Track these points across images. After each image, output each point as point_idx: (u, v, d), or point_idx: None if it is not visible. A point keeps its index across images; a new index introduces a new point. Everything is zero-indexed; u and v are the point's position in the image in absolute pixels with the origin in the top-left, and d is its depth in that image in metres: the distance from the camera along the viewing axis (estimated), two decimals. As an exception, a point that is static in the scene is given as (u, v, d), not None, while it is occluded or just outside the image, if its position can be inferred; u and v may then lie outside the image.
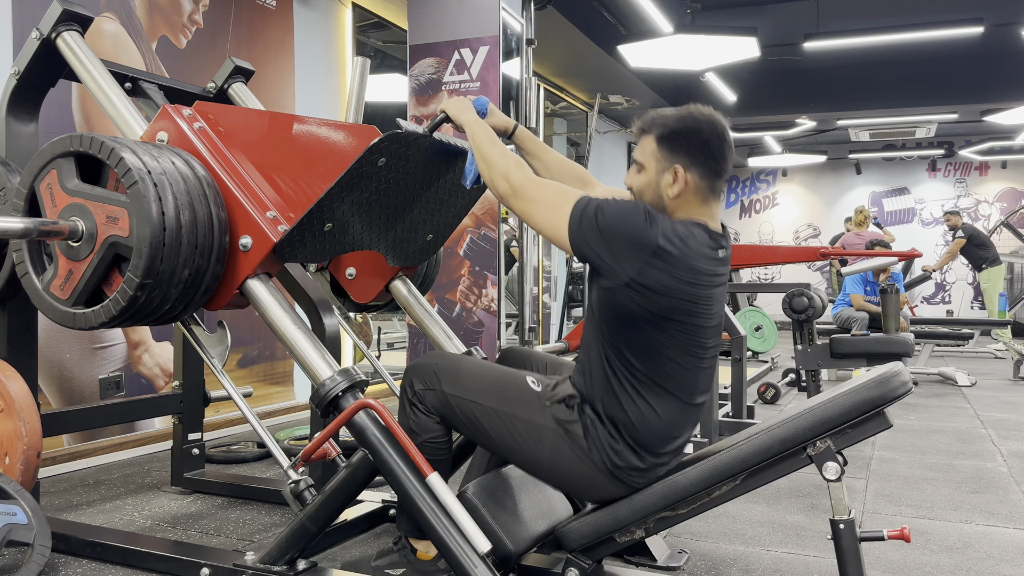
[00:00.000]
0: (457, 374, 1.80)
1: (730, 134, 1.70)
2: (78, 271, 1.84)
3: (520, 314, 4.75)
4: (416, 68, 4.38)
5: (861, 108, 8.96)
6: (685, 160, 1.66)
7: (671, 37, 5.81)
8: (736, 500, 2.11)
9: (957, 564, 2.21)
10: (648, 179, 1.70)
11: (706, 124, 1.67)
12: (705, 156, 1.66)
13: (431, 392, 1.79)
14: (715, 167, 1.67)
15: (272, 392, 4.36)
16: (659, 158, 1.68)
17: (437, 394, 1.79)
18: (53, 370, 3.18)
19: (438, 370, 1.81)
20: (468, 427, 1.78)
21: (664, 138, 1.67)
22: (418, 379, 1.81)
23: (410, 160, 1.90)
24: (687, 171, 1.66)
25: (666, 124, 1.68)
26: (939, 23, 6.44)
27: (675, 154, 1.67)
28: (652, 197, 1.70)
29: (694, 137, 1.66)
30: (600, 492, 1.72)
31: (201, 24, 3.89)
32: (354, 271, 2.39)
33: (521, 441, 1.73)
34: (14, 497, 1.90)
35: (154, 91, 2.43)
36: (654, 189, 1.70)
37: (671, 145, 1.67)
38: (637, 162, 1.73)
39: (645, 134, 1.72)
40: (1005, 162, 12.21)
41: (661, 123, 1.69)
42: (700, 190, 1.68)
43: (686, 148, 1.66)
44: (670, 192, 1.67)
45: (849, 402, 1.59)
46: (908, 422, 4.41)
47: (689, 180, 1.66)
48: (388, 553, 2.04)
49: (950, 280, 12.45)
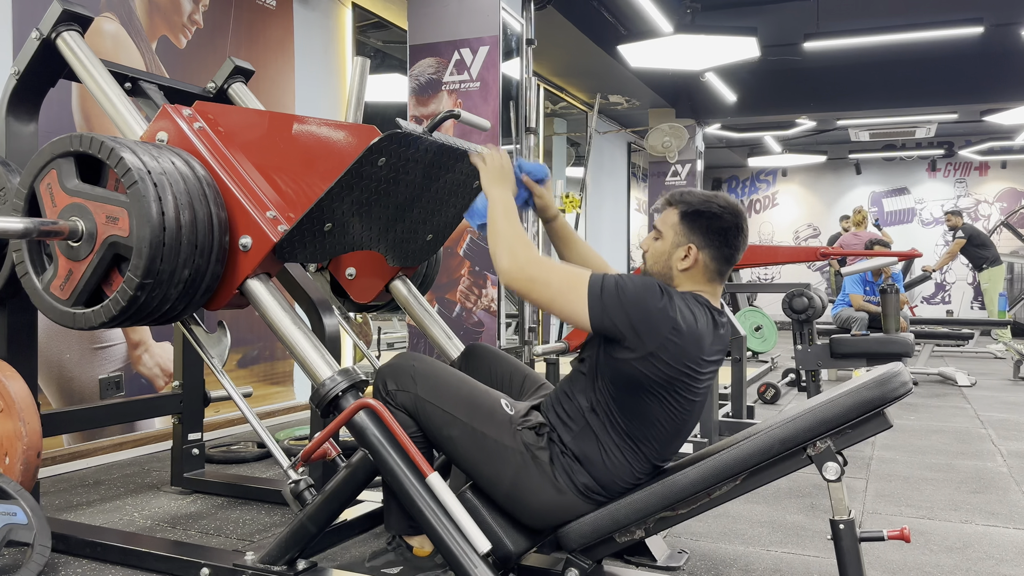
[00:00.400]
0: (434, 381, 1.83)
1: (747, 227, 1.81)
2: (78, 271, 1.84)
3: (520, 314, 4.75)
4: (416, 68, 4.38)
5: (861, 108, 8.96)
6: (701, 240, 1.76)
7: (671, 37, 5.81)
8: (736, 500, 2.11)
9: (957, 564, 2.21)
10: (663, 248, 1.80)
11: (728, 213, 1.77)
12: (720, 241, 1.76)
13: (404, 394, 1.82)
14: (727, 253, 1.78)
15: (272, 392, 4.36)
16: (678, 232, 1.78)
17: (411, 396, 1.82)
18: (53, 370, 3.18)
19: (415, 373, 1.83)
20: (435, 434, 1.81)
21: (687, 215, 1.77)
22: (392, 379, 1.84)
23: (410, 160, 1.90)
24: (700, 251, 1.76)
25: (691, 203, 1.78)
26: (939, 23, 6.44)
27: (693, 232, 1.76)
28: (662, 266, 1.80)
29: (714, 221, 1.76)
30: (564, 513, 1.73)
31: (201, 24, 3.89)
32: (354, 271, 2.39)
33: (486, 458, 1.76)
34: (14, 497, 1.90)
35: (154, 91, 2.43)
36: (666, 259, 1.79)
37: (691, 223, 1.77)
38: (657, 229, 1.83)
39: (670, 207, 1.82)
40: (1005, 162, 12.22)
41: (687, 201, 1.79)
42: (708, 270, 1.78)
43: (704, 229, 1.76)
44: (680, 265, 1.77)
45: (849, 402, 1.59)
46: (908, 422, 4.41)
47: (700, 259, 1.76)
48: (383, 553, 2.05)
49: (950, 280, 12.45)
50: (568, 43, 6.74)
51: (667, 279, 1.79)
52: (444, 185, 2.11)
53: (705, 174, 12.89)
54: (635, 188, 11.03)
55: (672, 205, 1.81)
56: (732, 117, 9.47)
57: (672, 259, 1.78)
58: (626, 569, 2.07)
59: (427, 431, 1.82)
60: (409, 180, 1.97)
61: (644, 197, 10.92)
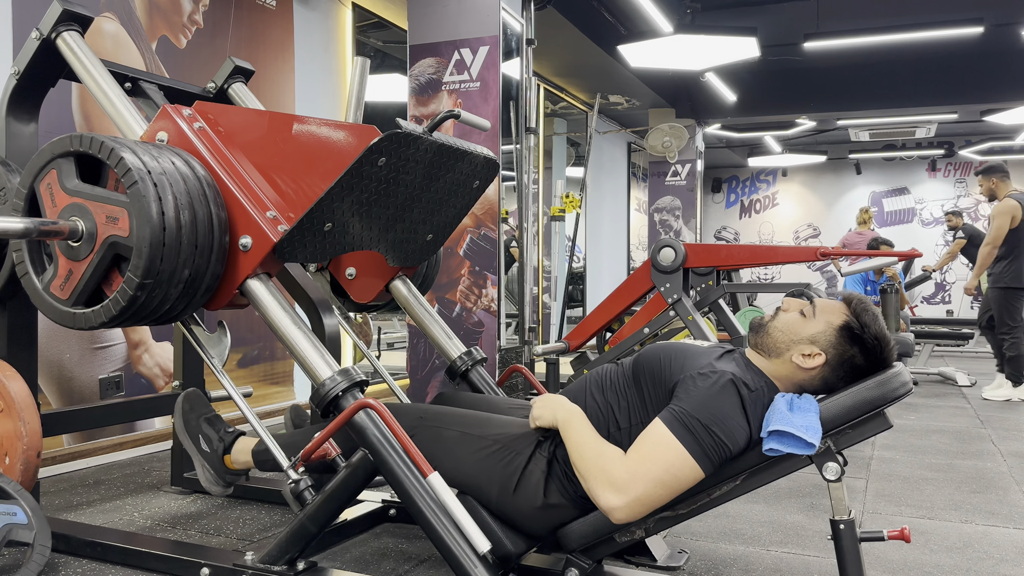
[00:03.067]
0: (437, 413, 1.89)
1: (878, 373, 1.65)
2: (78, 271, 1.84)
3: (520, 314, 4.75)
4: (416, 68, 4.38)
5: (861, 108, 8.96)
6: (835, 359, 1.67)
7: (671, 37, 5.81)
8: (736, 500, 2.11)
9: (957, 564, 2.21)
10: (800, 332, 1.70)
11: (878, 361, 1.67)
12: (845, 374, 1.68)
13: (403, 417, 1.86)
14: (834, 382, 1.69)
15: (272, 392, 4.36)
16: (828, 336, 1.68)
17: (411, 420, 1.86)
18: (53, 370, 3.18)
19: (425, 414, 1.88)
20: (430, 448, 1.80)
21: (848, 331, 1.67)
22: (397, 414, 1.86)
23: (410, 160, 1.90)
24: (825, 365, 1.68)
25: (864, 325, 1.67)
26: (939, 23, 6.44)
27: (835, 348, 1.67)
28: (783, 339, 1.71)
29: (856, 358, 1.67)
30: (559, 519, 1.74)
31: (201, 24, 3.89)
32: (354, 271, 2.39)
33: (486, 456, 1.77)
34: (14, 497, 1.90)
35: (154, 91, 2.43)
36: (793, 340, 1.70)
37: (845, 341, 1.67)
38: (813, 308, 1.72)
39: (846, 306, 1.71)
40: (1005, 162, 12.21)
41: (863, 321, 1.67)
42: (808, 378, 1.70)
43: (843, 356, 1.67)
44: (796, 359, 1.69)
45: (849, 402, 1.59)
46: (908, 422, 4.41)
47: (816, 371, 1.69)
48: (215, 430, 2.16)
49: (950, 280, 12.45)
50: (568, 43, 6.74)
51: (768, 348, 1.72)
52: (444, 185, 2.11)
53: (705, 174, 12.91)
54: (635, 188, 11.03)
55: (848, 306, 1.71)
56: (732, 117, 9.46)
57: (798, 346, 1.69)
58: (626, 569, 2.07)
59: (422, 445, 1.82)
60: (409, 180, 1.97)
61: (644, 197, 10.92)
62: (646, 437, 1.61)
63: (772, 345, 1.72)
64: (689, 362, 1.70)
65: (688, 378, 1.64)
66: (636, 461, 1.58)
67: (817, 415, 1.57)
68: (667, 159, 9.10)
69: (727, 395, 1.60)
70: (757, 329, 1.77)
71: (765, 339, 1.74)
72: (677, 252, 4.10)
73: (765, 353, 1.74)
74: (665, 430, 1.58)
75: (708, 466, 1.57)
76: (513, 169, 4.84)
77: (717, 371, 1.63)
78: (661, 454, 1.57)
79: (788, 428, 1.53)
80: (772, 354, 1.72)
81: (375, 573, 2.07)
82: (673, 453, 1.56)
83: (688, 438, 1.56)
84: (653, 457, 1.57)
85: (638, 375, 1.78)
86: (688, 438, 1.56)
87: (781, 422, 1.55)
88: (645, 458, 1.58)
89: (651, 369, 1.75)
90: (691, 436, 1.56)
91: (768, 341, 1.73)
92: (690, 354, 1.75)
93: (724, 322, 4.35)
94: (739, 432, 1.59)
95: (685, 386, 1.63)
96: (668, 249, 4.13)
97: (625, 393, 1.78)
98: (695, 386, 1.61)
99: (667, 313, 4.16)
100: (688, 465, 1.56)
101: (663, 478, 1.56)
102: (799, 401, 1.62)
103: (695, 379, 1.63)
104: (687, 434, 1.56)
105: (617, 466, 1.59)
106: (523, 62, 4.67)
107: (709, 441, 1.56)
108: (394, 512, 2.45)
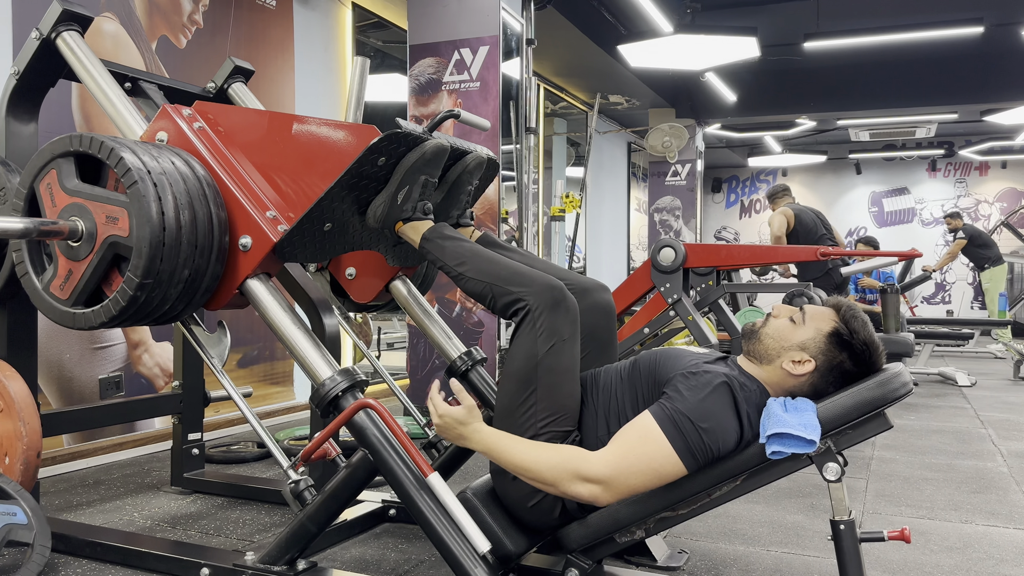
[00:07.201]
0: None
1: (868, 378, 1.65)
2: (78, 271, 1.84)
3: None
4: (416, 68, 4.38)
5: (861, 108, 8.96)
6: (824, 365, 1.66)
7: (671, 37, 5.81)
8: (736, 500, 2.11)
9: (957, 564, 2.21)
10: (791, 337, 1.69)
11: (865, 366, 1.66)
12: (833, 376, 1.67)
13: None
14: (823, 388, 1.68)
15: (272, 392, 4.36)
16: (818, 343, 1.67)
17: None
18: (53, 370, 3.18)
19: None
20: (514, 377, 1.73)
21: (837, 337, 1.66)
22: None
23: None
24: (815, 372, 1.67)
25: (852, 332, 1.66)
26: (939, 23, 6.44)
27: (824, 355, 1.66)
28: (773, 346, 1.70)
29: (846, 364, 1.66)
30: (554, 517, 1.74)
31: (201, 24, 3.89)
32: (354, 271, 2.39)
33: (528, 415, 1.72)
34: (14, 497, 1.90)
35: (154, 91, 2.43)
36: (783, 346, 1.69)
37: (834, 347, 1.66)
38: (803, 314, 1.71)
39: (836, 312, 1.70)
40: (1005, 162, 12.21)
41: (852, 328, 1.66)
42: (798, 384, 1.69)
43: (833, 362, 1.66)
44: (786, 365, 1.68)
45: (849, 403, 1.59)
46: (908, 422, 4.41)
47: (805, 377, 1.67)
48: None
49: (950, 280, 12.45)
50: (568, 43, 6.74)
51: (760, 355, 1.72)
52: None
53: (705, 174, 12.91)
54: (635, 188, 11.03)
55: (837, 312, 1.69)
56: (732, 117, 9.46)
57: (788, 352, 1.68)
58: (626, 569, 2.07)
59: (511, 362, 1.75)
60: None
61: (644, 197, 10.92)
62: (632, 428, 1.62)
63: (763, 352, 1.72)
64: (683, 363, 1.72)
65: (680, 376, 1.66)
66: (618, 451, 1.60)
67: (814, 412, 1.58)
68: (667, 159, 9.11)
69: (719, 395, 1.61)
70: (749, 336, 1.77)
71: (757, 346, 1.73)
72: (677, 252, 4.10)
73: (757, 360, 1.74)
74: (652, 423, 1.59)
75: (692, 463, 1.58)
76: (513, 169, 4.84)
77: (711, 371, 1.64)
78: (644, 446, 1.58)
79: (787, 429, 1.53)
80: (763, 360, 1.72)
81: (375, 573, 2.07)
82: (656, 447, 1.58)
83: (674, 433, 1.57)
84: (637, 449, 1.59)
85: (634, 379, 1.79)
86: (674, 433, 1.57)
87: (779, 424, 1.55)
88: (629, 450, 1.59)
89: (646, 371, 1.77)
90: (677, 431, 1.57)
91: (760, 348, 1.73)
92: (684, 356, 1.76)
93: (724, 322, 4.35)
94: (729, 432, 1.60)
95: (676, 384, 1.64)
96: (668, 249, 4.13)
97: (619, 395, 1.79)
98: (687, 384, 1.62)
99: (667, 313, 4.16)
100: (671, 460, 1.58)
101: (644, 469, 1.58)
102: (793, 402, 1.62)
103: (687, 377, 1.64)
104: (673, 429, 1.57)
105: (590, 458, 1.60)
106: (523, 62, 4.67)
107: (696, 438, 1.57)
108: (394, 512, 2.46)
